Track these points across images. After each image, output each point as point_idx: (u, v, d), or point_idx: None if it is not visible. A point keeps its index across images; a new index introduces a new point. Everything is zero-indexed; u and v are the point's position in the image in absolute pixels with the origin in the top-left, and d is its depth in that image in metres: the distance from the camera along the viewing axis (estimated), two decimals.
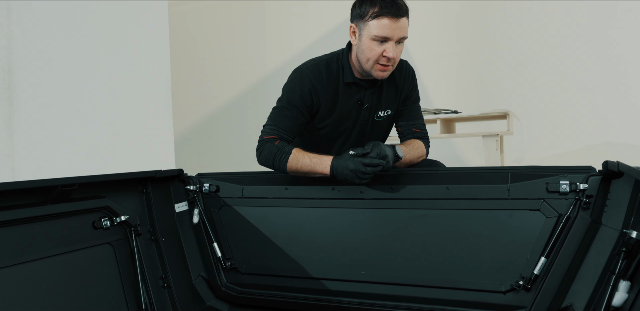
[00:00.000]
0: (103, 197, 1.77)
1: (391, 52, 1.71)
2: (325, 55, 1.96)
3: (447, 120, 3.37)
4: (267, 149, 1.82)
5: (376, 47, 1.73)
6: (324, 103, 1.87)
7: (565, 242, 1.59)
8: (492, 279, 1.65)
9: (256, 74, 6.01)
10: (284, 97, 1.89)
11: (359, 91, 1.89)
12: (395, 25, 1.68)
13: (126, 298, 1.76)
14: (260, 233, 1.97)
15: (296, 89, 1.85)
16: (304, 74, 1.86)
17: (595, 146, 4.68)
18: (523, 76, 4.92)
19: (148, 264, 1.87)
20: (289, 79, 1.91)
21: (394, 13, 1.67)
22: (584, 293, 1.52)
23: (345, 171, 1.66)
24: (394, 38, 1.71)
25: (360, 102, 1.90)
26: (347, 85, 1.87)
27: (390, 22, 1.67)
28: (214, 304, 2.02)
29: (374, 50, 1.73)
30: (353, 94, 1.89)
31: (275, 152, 1.79)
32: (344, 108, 1.90)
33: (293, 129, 1.87)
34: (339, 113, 1.90)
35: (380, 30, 1.69)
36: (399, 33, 1.70)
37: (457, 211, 1.72)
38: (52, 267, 1.55)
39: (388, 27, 1.68)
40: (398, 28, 1.69)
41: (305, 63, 1.93)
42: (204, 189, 2.06)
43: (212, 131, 6.15)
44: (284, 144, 1.81)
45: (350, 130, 1.97)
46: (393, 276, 1.77)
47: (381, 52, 1.73)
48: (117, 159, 3.50)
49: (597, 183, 1.58)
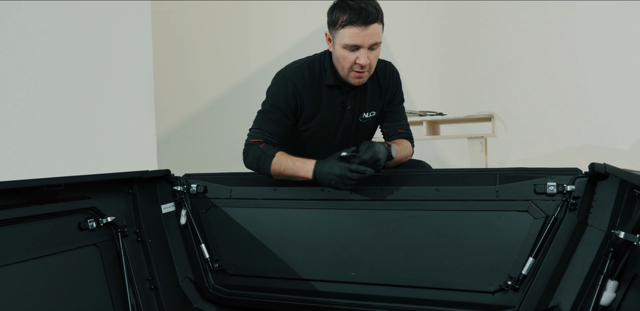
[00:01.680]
0: (89, 198, 1.74)
1: (363, 59, 1.70)
2: (308, 57, 1.95)
3: (432, 122, 3.40)
4: (252, 153, 1.82)
5: (349, 55, 1.72)
6: (307, 106, 1.87)
7: (553, 243, 1.61)
8: (481, 279, 1.67)
9: (239, 75, 5.98)
10: (268, 100, 1.88)
11: (341, 93, 1.89)
12: (365, 32, 1.66)
13: (113, 300, 1.73)
14: (248, 234, 1.95)
15: (280, 92, 1.84)
16: (287, 77, 1.85)
17: (574, 149, 4.76)
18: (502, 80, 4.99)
19: (135, 266, 1.84)
20: (272, 82, 1.90)
21: (362, 21, 1.64)
22: (571, 292, 1.54)
23: (330, 176, 1.65)
24: (365, 45, 1.69)
25: (343, 104, 1.90)
26: (330, 87, 1.87)
27: (359, 30, 1.66)
28: (201, 306, 2.00)
29: (347, 58, 1.73)
30: (336, 96, 1.89)
31: (259, 155, 1.79)
32: (327, 110, 1.90)
33: (278, 132, 1.87)
34: (322, 115, 1.90)
35: (350, 39, 1.68)
36: (369, 40, 1.68)
37: (446, 212, 1.74)
38: (37, 269, 1.52)
39: (357, 35, 1.67)
40: (368, 35, 1.67)
41: (288, 66, 1.92)
42: (192, 190, 2.04)
43: (195, 132, 6.10)
44: (268, 148, 1.81)
45: (334, 132, 1.97)
46: (382, 277, 1.77)
47: (354, 60, 1.72)
48: (97, 160, 3.44)
49: (584, 185, 1.61)
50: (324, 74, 1.87)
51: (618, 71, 4.40)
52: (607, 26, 4.45)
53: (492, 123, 3.15)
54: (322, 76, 1.87)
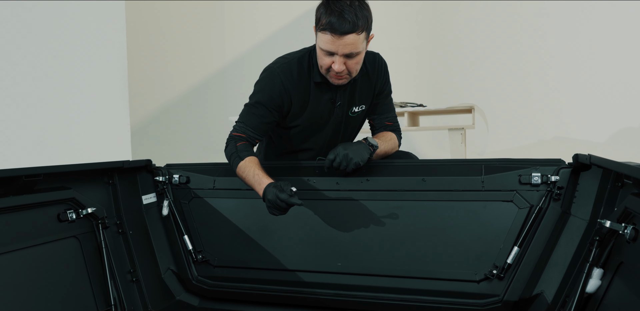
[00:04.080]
0: (68, 188, 1.68)
1: (337, 66, 1.66)
2: (298, 52, 1.89)
3: (412, 113, 3.41)
4: (229, 148, 1.82)
5: (325, 58, 1.68)
6: (295, 103, 1.84)
7: (537, 232, 1.64)
8: (466, 269, 1.69)
9: (215, 64, 5.90)
10: (254, 95, 1.84)
11: (330, 89, 1.85)
12: (339, 41, 1.60)
13: (94, 293, 1.69)
14: (233, 225, 1.93)
15: (266, 89, 1.81)
16: (274, 74, 1.81)
17: (547, 141, 4.86)
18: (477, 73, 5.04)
19: (116, 258, 1.80)
20: (260, 78, 1.85)
21: (337, 30, 1.58)
22: (554, 281, 1.57)
23: (265, 198, 1.63)
24: (339, 53, 1.63)
25: (333, 100, 1.87)
26: (318, 84, 1.84)
27: (333, 39, 1.60)
28: (184, 298, 1.97)
29: (323, 60, 1.70)
30: (325, 92, 1.86)
31: (232, 153, 1.79)
32: (317, 107, 1.87)
33: (261, 127, 1.83)
34: (311, 112, 1.87)
35: (324, 45, 1.64)
36: (344, 49, 1.62)
37: (432, 202, 1.75)
38: (15, 262, 1.47)
39: (331, 43, 1.61)
40: (342, 45, 1.61)
41: (276, 61, 1.87)
42: (174, 180, 2.00)
43: (170, 122, 5.99)
44: (243, 148, 1.79)
45: (323, 127, 1.94)
46: (369, 267, 1.77)
47: (330, 64, 1.69)
48: (69, 151, 3.35)
49: (567, 175, 1.63)
50: (312, 70, 1.83)
51: (595, 64, 4.49)
52: (582, 18, 4.54)
53: (472, 115, 3.18)
54: (310, 73, 1.83)
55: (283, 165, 1.94)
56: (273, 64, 1.86)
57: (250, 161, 1.75)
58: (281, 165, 1.95)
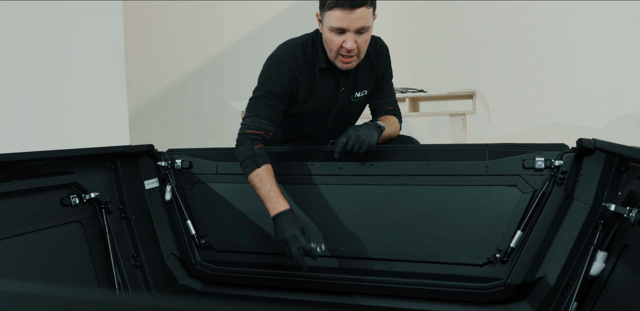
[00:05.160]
0: (71, 173, 1.68)
1: (349, 43, 1.64)
2: (301, 38, 1.87)
3: (413, 99, 3.40)
4: (244, 149, 1.72)
5: (335, 38, 1.66)
6: (302, 90, 1.81)
7: (540, 216, 1.65)
8: (470, 252, 1.70)
9: (213, 49, 5.85)
10: (262, 86, 1.78)
11: (334, 75, 1.84)
12: (351, 16, 1.60)
13: (98, 277, 1.70)
14: (236, 210, 1.93)
15: (275, 77, 1.76)
16: (281, 61, 1.77)
17: (545, 127, 4.86)
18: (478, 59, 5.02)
19: (119, 243, 1.80)
20: (265, 67, 1.81)
21: (349, 4, 1.58)
22: (557, 264, 1.58)
23: (281, 234, 1.56)
24: (351, 29, 1.63)
25: (337, 86, 1.86)
26: (323, 70, 1.81)
27: (345, 14, 1.60)
28: (187, 282, 1.98)
29: (333, 41, 1.67)
30: (329, 79, 1.84)
31: (248, 156, 1.70)
32: (321, 93, 1.85)
33: (274, 118, 1.78)
34: (315, 98, 1.85)
35: (336, 22, 1.62)
36: (356, 24, 1.62)
37: (436, 187, 1.75)
38: (19, 247, 1.47)
39: (343, 19, 1.61)
40: (354, 19, 1.61)
41: (280, 49, 1.83)
42: (176, 165, 2.00)
43: (168, 107, 5.97)
44: (260, 152, 1.71)
45: (326, 114, 1.93)
46: (372, 252, 1.78)
47: (340, 43, 1.67)
48: (68, 136, 3.33)
49: (571, 160, 1.64)
50: (316, 56, 1.80)
51: (595, 50, 4.47)
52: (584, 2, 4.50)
53: (473, 100, 3.17)
54: (314, 59, 1.80)
55: (288, 150, 1.94)
56: (277, 51, 1.82)
57: (267, 171, 1.68)
58: (286, 150, 1.94)
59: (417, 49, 5.17)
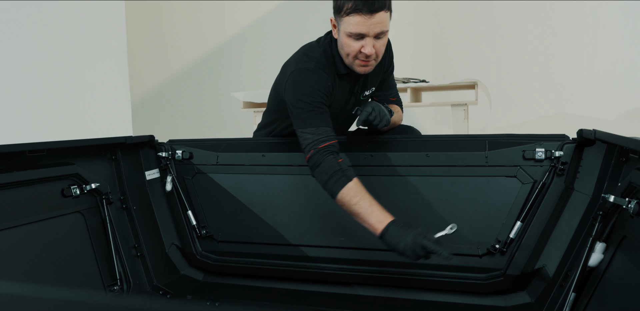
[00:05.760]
0: (72, 164, 1.68)
1: (368, 49, 1.62)
2: (318, 46, 1.81)
3: (415, 89, 3.38)
4: (328, 164, 1.57)
5: (353, 44, 1.64)
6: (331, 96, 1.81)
7: (540, 207, 1.65)
8: (469, 243, 1.70)
9: (216, 39, 5.82)
10: (308, 99, 1.67)
11: (351, 79, 1.83)
12: (370, 21, 1.58)
13: (99, 268, 1.71)
14: (236, 200, 1.93)
15: (319, 88, 1.69)
16: (319, 74, 1.71)
17: (548, 117, 4.84)
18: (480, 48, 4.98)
19: (120, 233, 1.81)
20: (302, 80, 1.71)
21: (367, 9, 1.56)
22: (556, 255, 1.58)
23: (403, 242, 1.43)
24: (370, 34, 1.61)
25: (352, 89, 1.86)
26: (341, 76, 1.80)
27: (364, 19, 1.57)
28: (189, 273, 1.99)
29: (351, 46, 1.65)
30: (346, 83, 1.83)
31: (335, 171, 1.55)
32: (339, 97, 1.84)
33: (331, 123, 1.70)
34: (334, 103, 1.83)
35: (355, 27, 1.59)
36: (375, 28, 1.60)
37: (436, 177, 1.75)
38: (21, 237, 1.48)
39: (362, 24, 1.58)
40: (373, 24, 1.58)
41: (306, 61, 1.75)
42: (177, 156, 2.00)
43: (170, 98, 5.97)
44: (347, 165, 1.60)
45: (338, 114, 1.93)
46: (372, 242, 1.78)
47: (359, 48, 1.64)
48: (70, 127, 3.34)
49: (571, 151, 1.63)
50: (334, 63, 1.78)
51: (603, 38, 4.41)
52: None
53: (475, 91, 3.15)
54: (333, 66, 1.78)
55: (289, 141, 1.94)
56: (304, 63, 1.74)
57: (360, 184, 1.55)
58: (287, 141, 1.94)
59: (419, 39, 5.14)
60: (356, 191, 1.53)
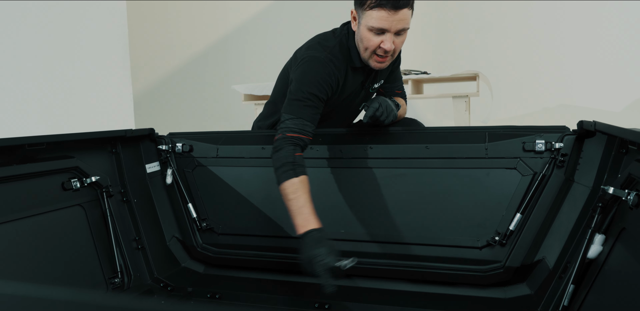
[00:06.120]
0: (72, 157, 1.69)
1: (388, 44, 1.61)
2: (334, 36, 1.79)
3: (416, 81, 3.37)
4: (285, 153, 1.60)
5: (373, 38, 1.63)
6: (337, 90, 1.79)
7: (540, 199, 1.64)
8: (469, 235, 1.70)
9: (218, 31, 5.80)
10: (304, 88, 1.68)
11: (364, 73, 1.83)
12: (394, 17, 1.57)
13: (100, 260, 1.72)
14: (236, 193, 1.94)
15: (319, 80, 1.69)
16: (325, 65, 1.70)
17: (551, 109, 4.81)
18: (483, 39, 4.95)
19: (121, 226, 1.82)
20: (308, 69, 1.71)
21: (392, 5, 1.55)
22: (556, 247, 1.58)
23: (304, 254, 1.48)
24: (392, 30, 1.60)
25: (364, 82, 1.86)
26: (355, 69, 1.79)
27: (388, 14, 1.56)
28: (189, 265, 2.00)
29: (371, 41, 1.64)
30: (359, 76, 1.82)
31: (286, 162, 1.58)
32: (348, 90, 1.83)
33: (315, 119, 1.70)
34: (342, 95, 1.83)
35: (377, 22, 1.58)
36: (397, 25, 1.59)
37: (436, 169, 1.74)
38: (22, 230, 1.49)
39: (385, 19, 1.57)
40: (396, 20, 1.58)
41: (318, 49, 1.74)
42: (177, 149, 2.00)
43: (172, 90, 5.96)
44: (301, 160, 1.61)
45: (348, 106, 1.92)
46: (372, 234, 1.79)
47: (378, 43, 1.63)
48: (72, 120, 3.35)
49: (572, 142, 1.62)
50: (349, 56, 1.77)
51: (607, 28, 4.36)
52: None
53: (476, 82, 3.14)
54: (348, 58, 1.77)
55: None
56: (316, 52, 1.73)
57: (304, 183, 1.58)
58: None
59: (420, 30, 5.10)
60: (296, 188, 1.55)
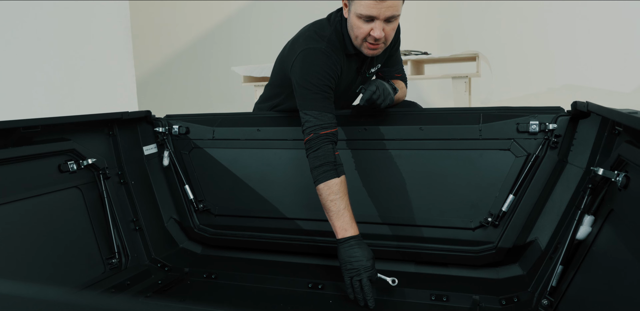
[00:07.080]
0: (68, 140, 1.70)
1: (377, 32, 1.59)
2: (328, 25, 1.77)
3: (416, 61, 3.34)
4: (325, 152, 1.59)
5: (363, 26, 1.61)
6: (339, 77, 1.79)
7: (533, 180, 1.64)
8: (462, 216, 1.71)
9: (220, 14, 5.75)
10: (315, 81, 1.66)
11: (358, 59, 1.81)
12: (382, 4, 1.55)
13: (98, 242, 1.74)
14: (232, 174, 1.95)
15: (327, 71, 1.68)
16: (329, 55, 1.69)
17: (556, 89, 4.77)
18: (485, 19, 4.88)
19: (118, 207, 1.84)
20: (314, 61, 1.68)
21: None
22: (548, 228, 1.59)
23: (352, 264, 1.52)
24: (381, 17, 1.58)
25: (359, 68, 1.84)
26: (349, 55, 1.78)
27: (376, 2, 1.55)
28: (187, 246, 2.03)
29: (360, 28, 1.62)
30: (354, 63, 1.81)
31: (328, 161, 1.58)
32: (347, 77, 1.83)
33: (334, 108, 1.70)
34: (341, 82, 1.82)
35: (366, 9, 1.57)
36: (386, 12, 1.57)
37: (430, 151, 1.74)
38: (19, 212, 1.51)
39: (373, 6, 1.56)
40: (385, 7, 1.56)
41: (316, 40, 1.72)
42: (174, 131, 2.01)
43: (175, 73, 5.95)
44: (340, 160, 1.62)
45: (345, 92, 1.91)
46: (366, 215, 1.80)
47: (368, 31, 1.61)
48: (76, 102, 3.36)
49: (566, 123, 1.62)
50: (344, 42, 1.75)
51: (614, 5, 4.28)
52: None
53: (476, 63, 3.11)
54: (343, 45, 1.75)
55: (284, 115, 1.94)
56: (315, 43, 1.71)
57: (344, 184, 1.59)
58: (282, 115, 1.94)
59: (420, 11, 5.04)
60: (338, 189, 1.57)
